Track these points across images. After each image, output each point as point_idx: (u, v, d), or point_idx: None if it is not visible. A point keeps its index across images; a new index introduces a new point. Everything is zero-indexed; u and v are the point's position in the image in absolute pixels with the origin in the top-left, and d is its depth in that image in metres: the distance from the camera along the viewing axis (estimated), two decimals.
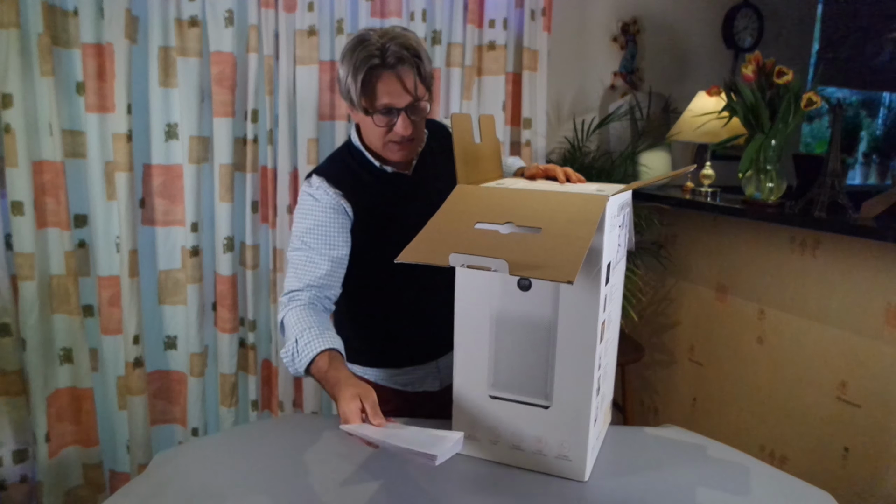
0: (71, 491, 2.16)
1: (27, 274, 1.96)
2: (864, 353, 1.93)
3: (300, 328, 1.23)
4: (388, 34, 1.23)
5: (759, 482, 1.16)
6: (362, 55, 1.20)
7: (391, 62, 1.21)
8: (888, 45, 3.51)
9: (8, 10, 1.84)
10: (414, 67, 1.24)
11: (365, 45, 1.21)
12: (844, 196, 1.97)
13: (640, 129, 2.72)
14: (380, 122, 1.25)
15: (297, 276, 1.31)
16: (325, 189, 1.31)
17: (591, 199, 1.05)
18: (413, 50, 1.23)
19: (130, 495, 1.11)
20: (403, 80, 1.23)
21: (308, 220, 1.32)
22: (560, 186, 1.19)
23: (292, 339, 1.23)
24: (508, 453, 1.17)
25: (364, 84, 1.22)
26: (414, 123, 1.28)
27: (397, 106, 1.24)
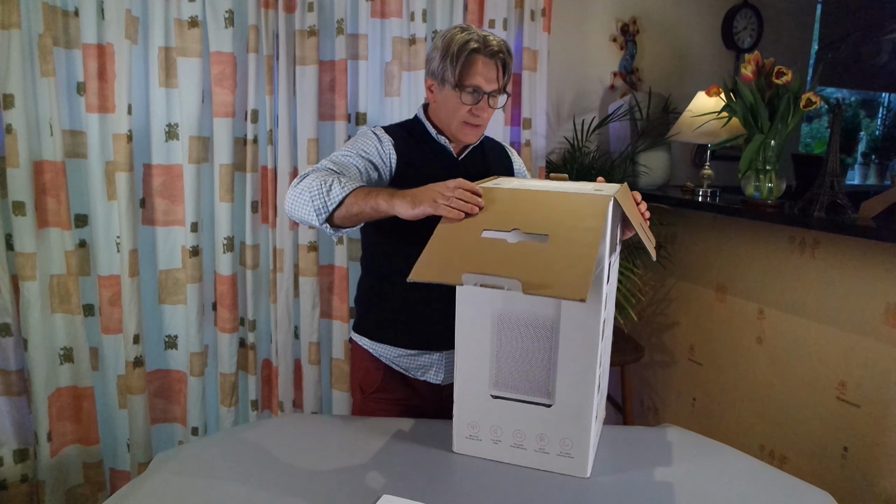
0: (72, 490, 2.16)
1: (28, 274, 1.96)
2: (863, 353, 1.93)
3: (332, 178, 1.23)
4: (486, 33, 1.41)
5: (759, 482, 1.16)
6: (466, 38, 1.38)
7: (491, 51, 1.39)
8: (887, 46, 3.52)
9: (9, 11, 1.85)
10: (506, 65, 1.42)
11: (468, 32, 1.40)
12: (843, 196, 1.98)
13: (640, 130, 2.72)
14: (466, 99, 1.40)
15: (332, 161, 1.36)
16: (381, 133, 1.45)
17: (594, 200, 1.06)
18: (507, 49, 1.42)
19: (131, 494, 1.11)
20: (498, 69, 1.41)
21: (356, 139, 1.44)
22: (559, 185, 1.21)
23: (326, 185, 1.21)
24: (510, 452, 1.18)
25: (465, 62, 1.37)
26: (490, 112, 1.45)
27: (485, 89, 1.40)
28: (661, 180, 2.77)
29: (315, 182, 1.23)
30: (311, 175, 1.27)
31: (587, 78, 2.85)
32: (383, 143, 1.44)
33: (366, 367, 1.56)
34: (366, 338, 1.55)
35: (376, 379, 1.54)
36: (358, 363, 1.59)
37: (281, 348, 2.31)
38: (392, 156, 1.43)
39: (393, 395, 1.53)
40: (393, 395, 1.53)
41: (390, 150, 1.43)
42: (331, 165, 1.35)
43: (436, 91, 1.45)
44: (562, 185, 1.22)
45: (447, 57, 1.38)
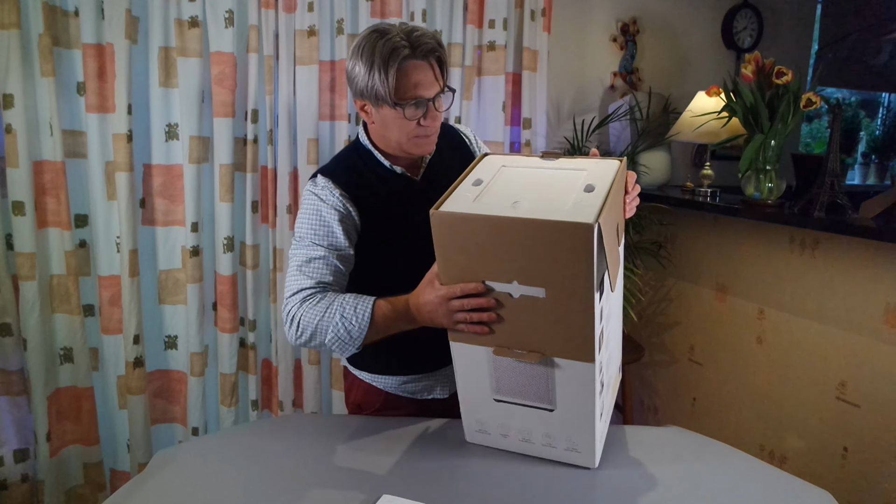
0: (72, 490, 2.16)
1: (28, 274, 1.96)
2: (863, 353, 1.93)
3: (334, 308, 1.19)
4: (406, 28, 1.21)
5: (759, 482, 1.16)
6: (389, 47, 1.18)
7: (421, 52, 1.20)
8: (887, 46, 3.51)
9: (9, 11, 1.85)
10: (440, 59, 1.24)
11: (388, 37, 1.18)
12: (843, 196, 1.97)
13: (640, 130, 2.72)
14: (410, 114, 1.23)
15: (306, 275, 1.26)
16: (331, 189, 1.28)
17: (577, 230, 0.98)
18: (437, 40, 1.23)
19: (131, 494, 1.11)
20: (434, 70, 1.23)
21: (312, 221, 1.28)
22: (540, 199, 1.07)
23: (336, 318, 1.19)
24: (519, 445, 1.21)
25: (398, 76, 1.19)
26: (439, 117, 1.28)
27: (427, 96, 1.23)
28: (661, 180, 2.77)
29: (329, 335, 1.20)
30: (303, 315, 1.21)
31: (587, 78, 2.84)
32: (343, 212, 1.28)
33: (365, 389, 1.47)
34: (365, 371, 1.46)
35: (377, 401, 1.46)
36: (356, 386, 1.49)
37: (281, 348, 2.31)
38: (354, 214, 1.29)
39: (396, 414, 1.42)
40: (396, 414, 1.42)
41: (352, 211, 1.29)
42: (311, 287, 1.24)
43: (371, 111, 1.26)
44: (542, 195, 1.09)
45: (373, 71, 1.19)
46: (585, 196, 1.04)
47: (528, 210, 1.02)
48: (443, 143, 1.39)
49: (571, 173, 1.12)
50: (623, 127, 2.76)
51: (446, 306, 1.09)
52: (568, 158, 1.17)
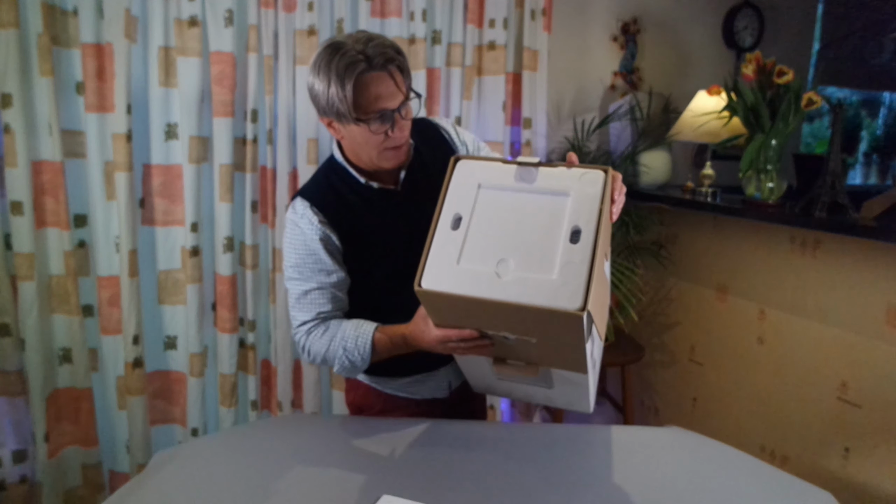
0: (70, 491, 2.16)
1: (26, 274, 1.96)
2: (864, 353, 1.93)
3: (337, 339, 1.28)
4: (362, 38, 1.16)
5: (760, 482, 1.16)
6: (345, 62, 1.13)
7: (379, 63, 1.15)
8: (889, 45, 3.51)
9: (7, 10, 1.84)
10: (400, 66, 1.19)
11: (343, 51, 1.14)
12: (845, 196, 1.97)
13: (640, 129, 2.71)
14: (376, 128, 1.19)
15: (304, 309, 1.31)
16: (310, 218, 1.27)
17: (567, 317, 0.98)
18: (394, 48, 1.18)
19: (130, 495, 1.11)
20: (394, 79, 1.18)
21: (298, 251, 1.29)
22: (526, 256, 1.04)
23: (340, 351, 1.27)
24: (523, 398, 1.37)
25: (355, 91, 1.14)
26: (406, 126, 1.24)
27: (391, 108, 1.18)
28: (661, 180, 2.76)
29: (336, 365, 1.29)
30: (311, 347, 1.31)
31: (587, 78, 2.84)
32: (325, 239, 1.28)
33: (365, 391, 1.47)
34: (364, 374, 1.46)
35: (377, 403, 1.46)
36: (356, 388, 1.50)
37: (280, 348, 2.31)
38: (335, 239, 1.29)
39: (397, 414, 1.44)
40: (397, 414, 1.44)
41: (332, 237, 1.29)
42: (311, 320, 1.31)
43: (338, 128, 1.23)
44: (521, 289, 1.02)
45: (331, 88, 1.15)
46: (572, 251, 1.01)
47: (514, 280, 1.00)
48: (421, 143, 1.35)
49: (554, 202, 1.07)
50: (623, 127, 2.75)
51: (442, 346, 1.14)
52: (547, 168, 1.10)
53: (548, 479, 1.13)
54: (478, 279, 1.02)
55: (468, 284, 1.02)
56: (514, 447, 1.24)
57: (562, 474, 1.14)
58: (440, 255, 1.06)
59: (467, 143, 1.43)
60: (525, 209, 1.08)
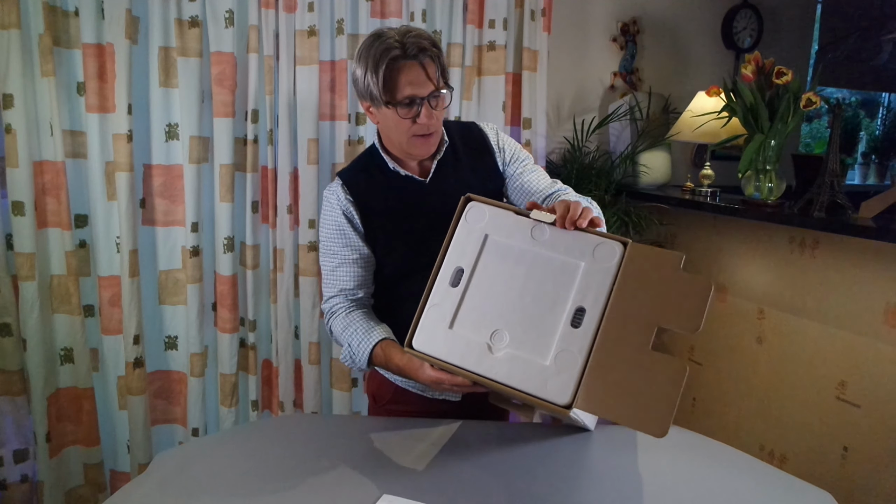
0: (72, 491, 2.16)
1: (28, 274, 1.96)
2: (863, 353, 1.93)
3: (348, 333, 1.33)
4: (404, 30, 1.25)
5: (759, 482, 1.16)
6: (381, 48, 1.22)
7: (412, 52, 1.22)
8: (887, 45, 3.51)
9: (9, 11, 1.84)
10: (434, 58, 1.25)
11: (383, 39, 1.23)
12: (843, 196, 1.98)
13: (640, 130, 2.72)
14: (404, 113, 1.26)
15: (329, 284, 1.40)
16: (338, 194, 1.37)
17: (553, 409, 0.97)
18: (431, 40, 1.25)
19: (131, 495, 1.11)
20: (426, 69, 1.24)
21: (327, 226, 1.39)
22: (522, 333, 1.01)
23: (345, 344, 1.34)
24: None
25: (386, 76, 1.22)
26: (436, 116, 1.29)
27: (420, 95, 1.24)
28: (661, 180, 2.77)
29: (343, 353, 1.36)
30: (331, 327, 1.38)
31: (587, 78, 2.84)
32: (349, 216, 1.36)
33: (379, 380, 1.50)
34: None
35: (388, 392, 1.48)
36: (373, 376, 1.53)
37: (281, 348, 2.31)
38: (357, 219, 1.36)
39: (406, 408, 1.45)
40: (406, 408, 1.45)
41: (354, 216, 1.36)
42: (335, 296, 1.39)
43: (374, 112, 1.31)
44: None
45: (368, 72, 1.24)
46: (571, 337, 0.97)
47: (506, 358, 0.97)
48: (461, 144, 1.42)
49: (563, 273, 1.01)
50: (623, 127, 2.76)
51: (436, 386, 1.19)
52: (562, 231, 1.03)
53: (548, 478, 1.13)
54: (469, 349, 0.99)
55: (458, 354, 1.00)
56: (514, 447, 1.25)
57: (562, 474, 1.15)
58: (435, 313, 1.03)
59: (505, 148, 1.45)
60: (530, 274, 1.02)
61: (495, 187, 1.44)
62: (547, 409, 0.98)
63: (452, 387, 1.15)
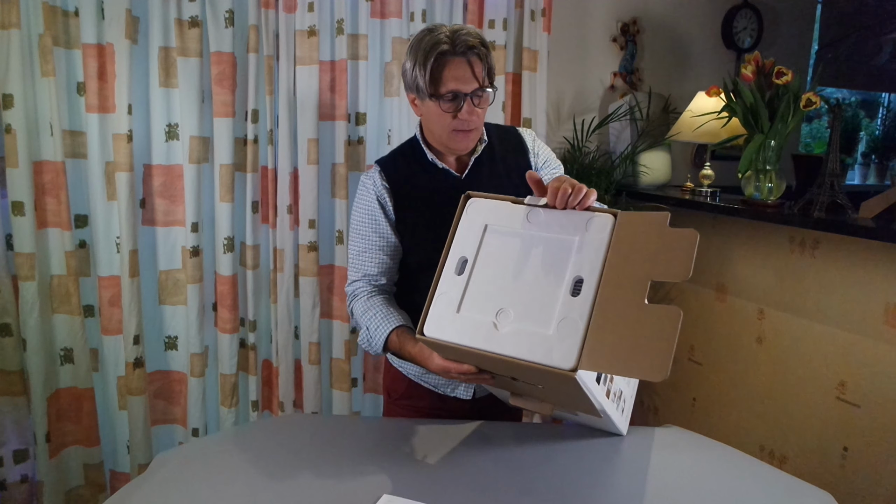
0: (71, 491, 2.16)
1: (28, 274, 1.96)
2: (863, 353, 1.93)
3: (367, 317, 1.34)
4: (456, 27, 1.28)
5: (759, 482, 1.16)
6: (431, 42, 1.25)
7: (461, 49, 1.25)
8: (888, 46, 3.51)
9: (9, 11, 1.85)
10: (482, 57, 1.28)
11: (434, 33, 1.26)
12: (843, 196, 1.98)
13: (640, 130, 2.72)
14: (446, 107, 1.29)
15: (355, 267, 1.42)
16: (375, 179, 1.39)
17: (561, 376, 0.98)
18: (481, 40, 1.28)
19: (131, 495, 1.11)
20: (472, 66, 1.27)
21: (360, 209, 1.41)
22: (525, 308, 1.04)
23: (364, 327, 1.36)
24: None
25: (433, 69, 1.25)
26: (478, 113, 1.31)
27: (464, 91, 1.27)
28: (661, 180, 2.77)
29: (361, 335, 1.38)
30: (353, 308, 1.40)
31: (587, 78, 2.84)
32: (383, 203, 1.39)
33: (393, 374, 1.52)
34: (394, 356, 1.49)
35: (401, 386, 1.50)
36: (388, 370, 1.55)
37: (281, 348, 2.31)
38: (390, 206, 1.39)
39: (419, 404, 1.48)
40: (419, 404, 1.48)
41: (388, 202, 1.39)
42: (358, 280, 1.41)
43: (419, 104, 1.35)
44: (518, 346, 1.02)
45: (416, 65, 1.27)
46: (572, 305, 1.00)
47: (511, 333, 1.01)
48: (498, 144, 1.44)
49: (560, 248, 1.06)
50: (623, 127, 2.76)
51: (445, 374, 1.20)
52: (555, 211, 1.09)
53: (548, 478, 1.13)
54: (476, 329, 1.04)
55: (467, 335, 1.04)
56: (515, 446, 1.25)
57: (562, 474, 1.15)
58: (443, 301, 1.08)
59: (539, 153, 1.48)
60: (529, 255, 1.08)
61: (528, 192, 1.43)
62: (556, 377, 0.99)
63: (459, 375, 1.15)
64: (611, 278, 1.01)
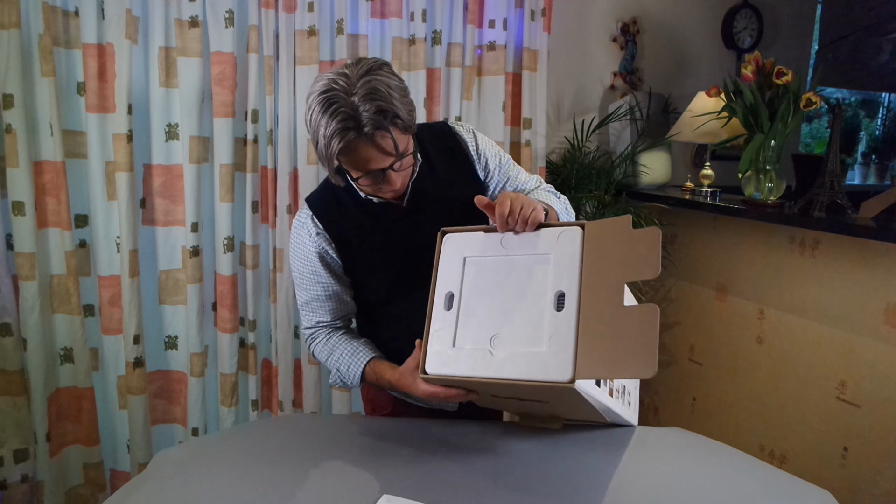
0: (72, 490, 2.16)
1: (28, 274, 1.96)
2: (863, 353, 1.93)
3: (334, 358, 1.34)
4: (360, 88, 1.08)
5: (759, 482, 1.16)
6: (335, 125, 1.08)
7: (368, 132, 1.09)
8: (887, 46, 3.51)
9: (9, 11, 1.85)
10: (393, 126, 1.11)
11: (336, 108, 1.08)
12: (843, 196, 1.98)
13: (640, 130, 2.72)
14: (365, 183, 1.20)
15: (306, 316, 1.39)
16: (309, 229, 1.30)
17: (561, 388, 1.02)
18: (389, 108, 1.09)
19: (131, 494, 1.11)
20: (383, 146, 1.12)
21: (299, 260, 1.33)
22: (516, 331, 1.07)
23: (333, 369, 1.35)
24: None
25: (342, 155, 1.13)
26: (402, 175, 1.21)
27: (381, 167, 1.15)
28: (661, 180, 2.77)
29: (333, 376, 1.36)
30: (314, 352, 1.39)
31: (587, 78, 2.84)
32: (321, 253, 1.30)
33: (375, 390, 1.45)
34: None
35: (387, 405, 1.47)
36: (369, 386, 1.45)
37: (281, 348, 2.31)
38: (331, 252, 1.31)
39: (411, 415, 1.44)
40: (411, 415, 1.44)
41: (328, 251, 1.31)
42: (312, 327, 1.38)
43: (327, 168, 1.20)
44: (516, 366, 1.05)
45: (320, 143, 1.11)
46: (558, 320, 1.04)
47: (507, 357, 1.05)
48: (435, 151, 1.33)
49: (537, 267, 1.10)
50: (623, 127, 2.76)
51: (433, 400, 1.18)
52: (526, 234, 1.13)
53: (548, 478, 1.13)
54: (474, 359, 1.08)
55: (467, 366, 1.08)
56: (515, 447, 1.25)
57: (562, 474, 1.15)
58: (438, 338, 1.12)
59: (488, 157, 1.37)
60: (510, 278, 1.12)
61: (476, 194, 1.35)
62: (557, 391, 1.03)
63: (447, 398, 1.15)
64: (589, 288, 1.06)
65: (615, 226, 1.10)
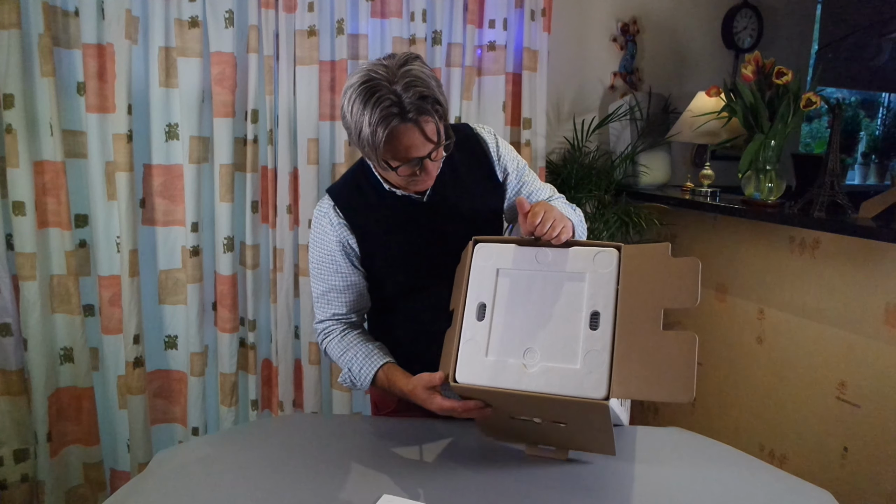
0: (72, 490, 2.16)
1: (28, 274, 1.96)
2: (863, 353, 1.93)
3: (347, 357, 1.32)
4: (400, 77, 1.11)
5: (759, 481, 1.16)
6: (379, 112, 1.10)
7: (412, 116, 1.11)
8: (888, 46, 3.51)
9: (9, 11, 1.85)
10: (434, 114, 1.14)
11: (379, 96, 1.10)
12: (843, 196, 1.98)
13: (640, 130, 2.72)
14: (403, 171, 1.19)
15: (321, 308, 1.38)
16: (331, 219, 1.31)
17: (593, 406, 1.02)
18: (431, 95, 1.13)
19: (131, 494, 1.11)
20: (426, 131, 1.14)
21: (319, 250, 1.34)
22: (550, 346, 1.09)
23: (345, 368, 1.32)
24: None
25: (386, 141, 1.12)
26: (436, 166, 1.23)
27: (421, 156, 1.17)
28: (661, 180, 2.77)
29: (343, 374, 1.34)
30: (327, 349, 1.37)
31: (587, 78, 2.85)
32: (342, 243, 1.31)
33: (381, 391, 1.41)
34: None
35: (391, 403, 1.46)
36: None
37: (281, 348, 2.31)
38: (353, 244, 1.31)
39: (411, 415, 1.41)
40: (411, 415, 1.41)
41: (349, 241, 1.31)
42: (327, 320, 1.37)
43: (370, 161, 1.22)
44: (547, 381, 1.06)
45: (363, 130, 1.12)
46: (593, 339, 1.06)
47: (541, 371, 1.06)
48: (458, 152, 1.32)
49: (572, 285, 1.12)
50: (623, 127, 2.76)
51: (449, 413, 1.16)
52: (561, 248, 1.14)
53: (548, 479, 1.13)
54: (506, 371, 1.08)
55: (499, 377, 1.08)
56: (515, 446, 1.25)
57: (562, 474, 1.15)
58: (470, 347, 1.12)
59: (507, 161, 1.39)
60: (544, 294, 1.13)
61: (495, 201, 1.40)
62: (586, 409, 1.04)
63: (465, 411, 1.12)
64: (625, 310, 1.07)
65: (653, 252, 1.11)
